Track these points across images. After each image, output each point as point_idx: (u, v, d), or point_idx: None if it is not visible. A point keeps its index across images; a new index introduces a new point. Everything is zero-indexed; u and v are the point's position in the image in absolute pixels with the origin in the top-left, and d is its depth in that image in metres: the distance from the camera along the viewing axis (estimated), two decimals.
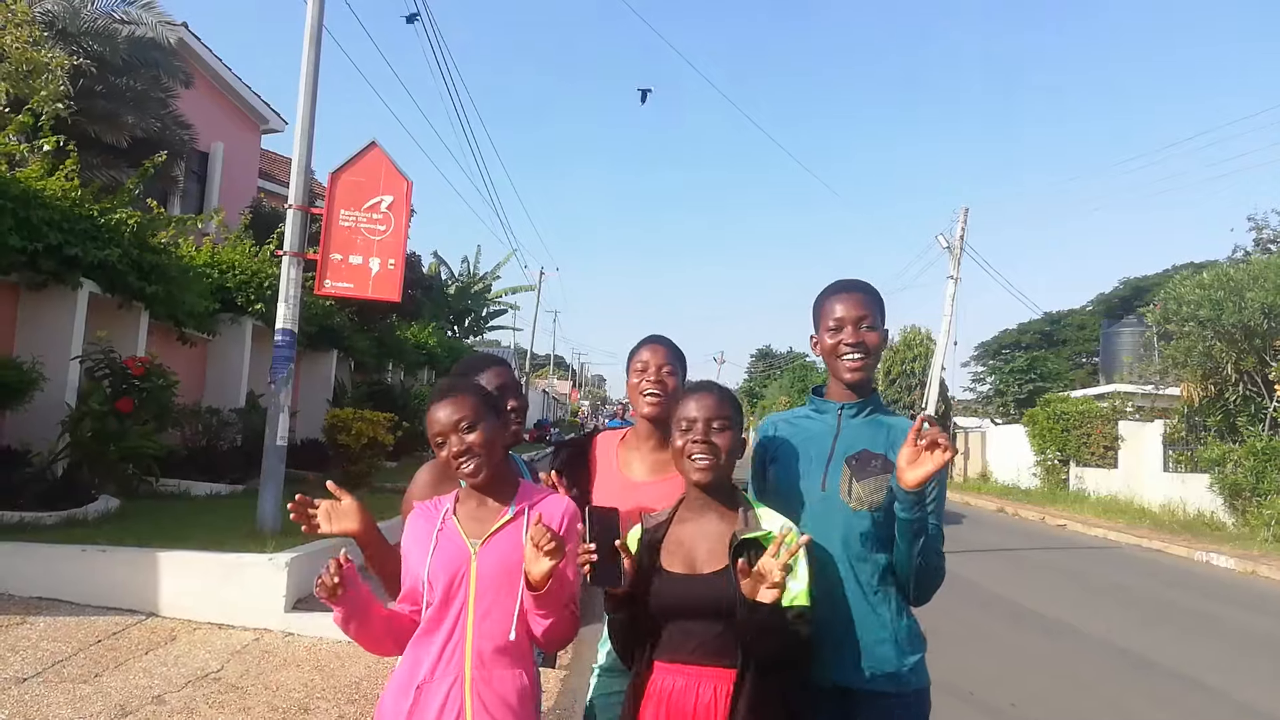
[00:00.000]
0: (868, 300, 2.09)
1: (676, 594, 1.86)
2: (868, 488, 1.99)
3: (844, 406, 2.09)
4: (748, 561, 1.74)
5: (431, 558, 1.95)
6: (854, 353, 2.05)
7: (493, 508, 2.02)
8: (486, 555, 1.96)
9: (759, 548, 1.78)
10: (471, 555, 1.96)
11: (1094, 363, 31.01)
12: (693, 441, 1.89)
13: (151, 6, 11.95)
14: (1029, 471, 21.36)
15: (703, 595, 1.84)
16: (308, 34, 7.55)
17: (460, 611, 1.94)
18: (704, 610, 1.84)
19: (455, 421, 1.97)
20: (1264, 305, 13.85)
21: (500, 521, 1.99)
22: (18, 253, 7.15)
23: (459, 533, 1.99)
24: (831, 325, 2.08)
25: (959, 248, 25.58)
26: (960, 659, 5.91)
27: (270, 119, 18.00)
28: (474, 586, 1.94)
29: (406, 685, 1.91)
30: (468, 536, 1.98)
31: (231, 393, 11.36)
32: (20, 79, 8.54)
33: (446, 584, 1.92)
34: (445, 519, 2.02)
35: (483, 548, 1.97)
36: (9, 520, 6.29)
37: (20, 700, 3.95)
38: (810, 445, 2.09)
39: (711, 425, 1.90)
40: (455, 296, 27.39)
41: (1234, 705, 5.26)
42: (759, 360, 71.96)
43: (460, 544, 1.97)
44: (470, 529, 1.99)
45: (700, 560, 1.88)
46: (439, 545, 1.97)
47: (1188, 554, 12.13)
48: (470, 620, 1.93)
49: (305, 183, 7.52)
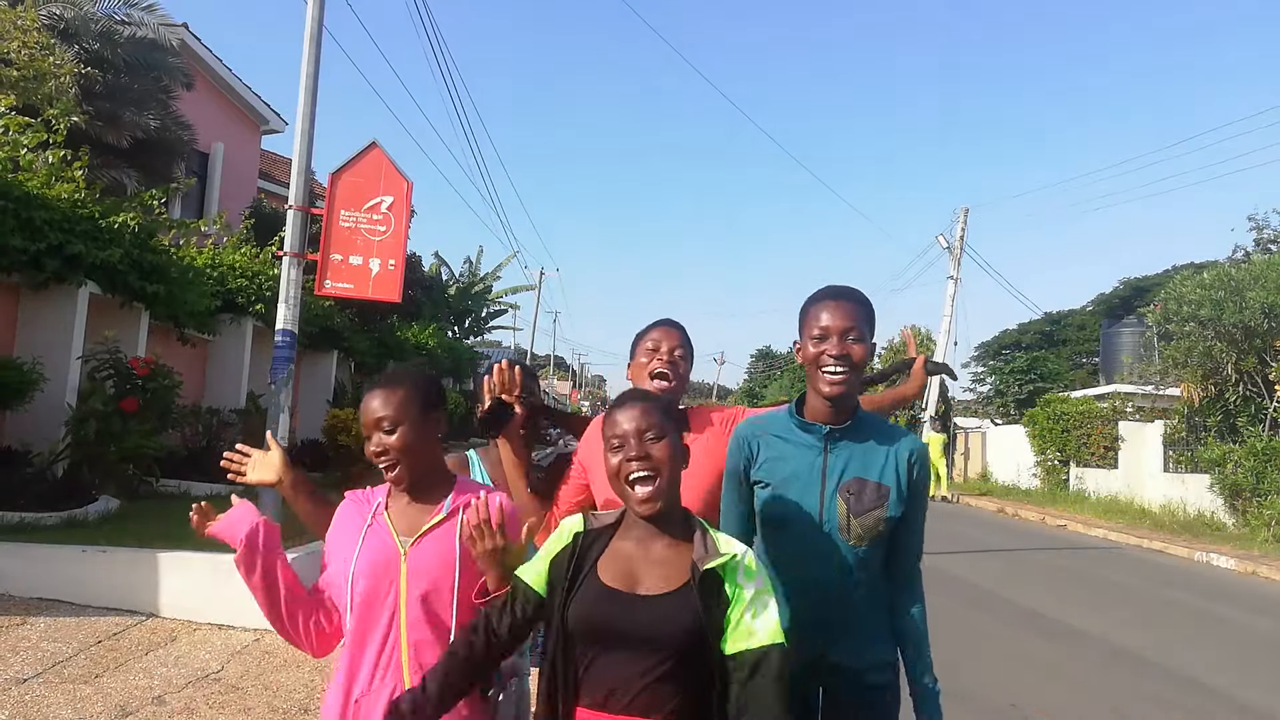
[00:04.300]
0: (856, 311, 1.97)
1: (612, 614, 1.58)
2: (865, 523, 1.93)
3: (830, 430, 1.98)
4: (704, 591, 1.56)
5: (358, 556, 1.83)
6: (837, 365, 1.93)
7: (425, 505, 1.89)
8: (418, 556, 1.82)
9: (717, 579, 1.59)
10: (401, 555, 1.83)
11: (1094, 363, 30.98)
12: (627, 459, 1.64)
13: (152, 8, 11.96)
14: (1029, 472, 21.34)
15: (645, 619, 1.56)
16: (308, 34, 7.55)
17: (392, 616, 1.81)
18: (644, 638, 1.56)
19: (378, 419, 1.84)
20: (1264, 305, 13.84)
21: (433, 520, 1.86)
22: (19, 253, 7.15)
23: (389, 530, 1.85)
24: (816, 334, 1.97)
25: (959, 248, 25.58)
26: (960, 659, 5.91)
27: (270, 119, 18.02)
28: (405, 589, 1.81)
29: (344, 699, 1.80)
30: (398, 534, 1.84)
31: (231, 393, 11.36)
32: (28, 85, 8.56)
33: (373, 585, 1.80)
34: (376, 514, 1.89)
35: (413, 547, 1.83)
36: (9, 520, 6.29)
37: (20, 701, 3.95)
38: (797, 473, 1.99)
39: (645, 436, 1.66)
40: (456, 297, 27.37)
41: (1234, 705, 5.26)
42: (759, 360, 71.93)
43: (390, 543, 1.83)
44: (401, 526, 1.86)
45: (645, 584, 1.62)
46: (366, 543, 1.84)
47: (1188, 554, 12.13)
48: (403, 625, 1.80)
49: (305, 183, 7.52)
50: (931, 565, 8.71)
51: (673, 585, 1.59)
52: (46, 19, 9.90)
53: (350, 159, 7.44)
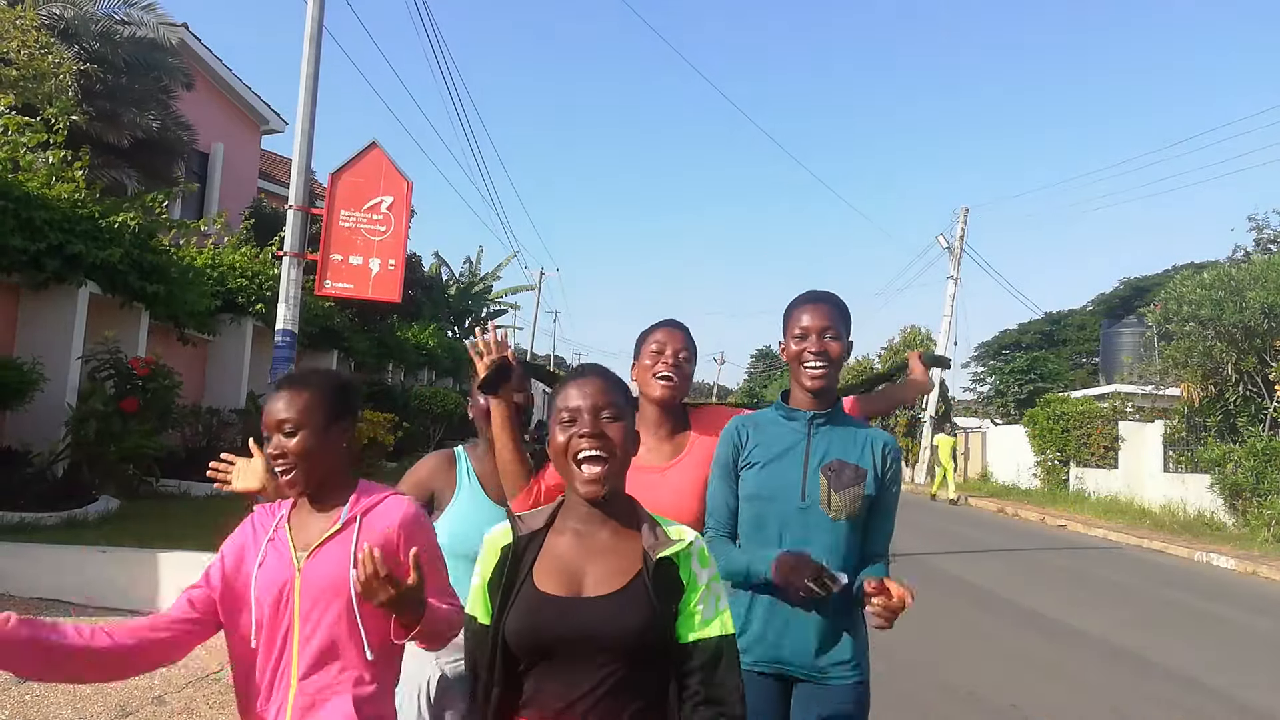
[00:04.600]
0: (832, 312, 2.18)
1: (553, 623, 1.43)
2: (845, 498, 2.07)
3: (814, 415, 2.15)
4: (657, 582, 1.45)
5: (259, 571, 1.71)
6: (817, 361, 2.14)
7: (325, 515, 1.77)
8: (313, 570, 1.70)
9: (673, 566, 1.49)
10: (296, 570, 1.70)
11: (1094, 363, 30.98)
12: (579, 435, 1.51)
13: (152, 8, 11.97)
14: (1029, 472, 21.35)
15: (593, 624, 1.42)
16: (308, 34, 7.56)
17: (285, 638, 1.69)
18: (593, 644, 1.43)
19: (279, 421, 1.72)
20: (1264, 305, 13.84)
21: (329, 531, 1.73)
22: (19, 253, 7.16)
23: (288, 543, 1.74)
24: (797, 334, 2.17)
25: (959, 248, 25.60)
26: (960, 659, 5.92)
27: (270, 119, 18.03)
28: (299, 608, 1.68)
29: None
30: (295, 548, 1.73)
31: (231, 393, 11.37)
32: (27, 85, 8.56)
33: (273, 603, 1.68)
34: (279, 527, 1.77)
35: (309, 561, 1.71)
36: (9, 520, 6.29)
37: (20, 701, 3.95)
38: (783, 452, 2.15)
39: (601, 415, 1.52)
40: (456, 297, 27.38)
41: (1234, 705, 5.26)
42: (759, 360, 71.93)
43: (286, 557, 1.72)
44: (299, 539, 1.74)
45: (589, 582, 1.48)
46: (267, 558, 1.72)
47: (1188, 554, 12.13)
48: (295, 648, 1.67)
49: (305, 183, 7.53)
50: (932, 565, 8.73)
51: (622, 581, 1.47)
52: (46, 19, 9.90)
53: (350, 159, 7.45)
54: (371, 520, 1.74)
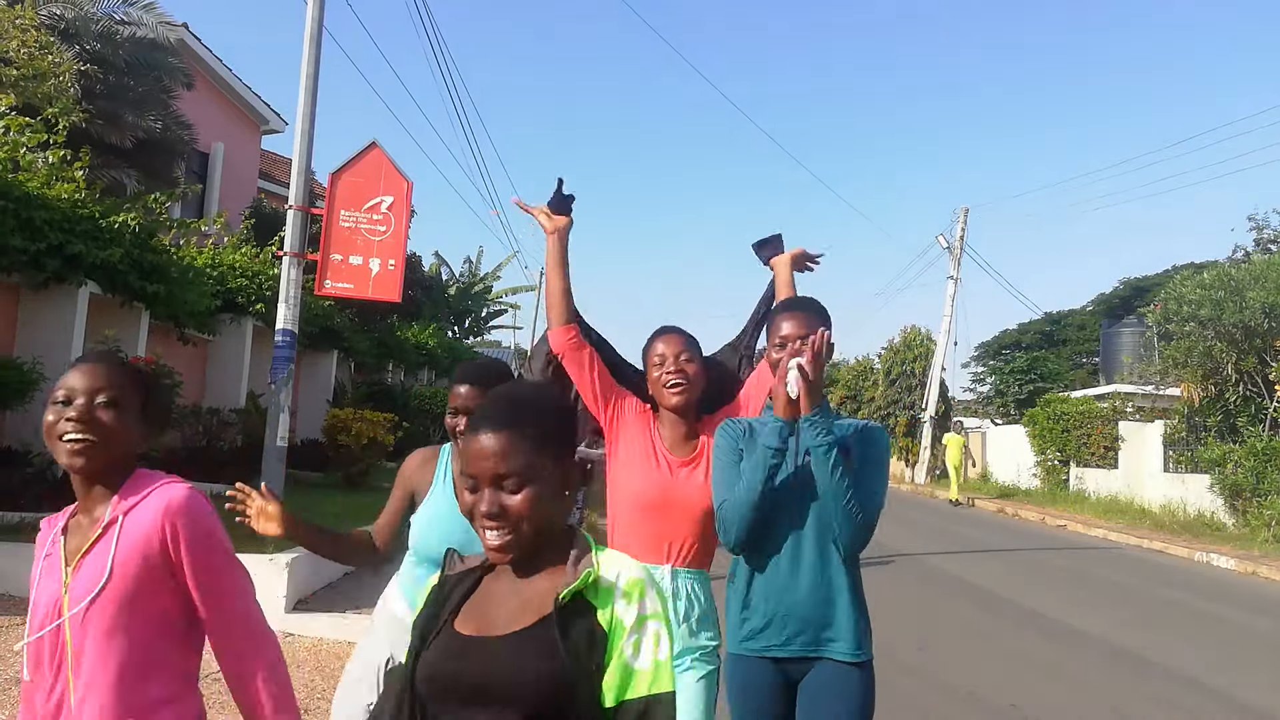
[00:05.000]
0: (811, 320, 2.27)
1: (460, 666, 1.22)
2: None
3: (805, 418, 2.19)
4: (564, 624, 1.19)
5: (34, 592, 1.48)
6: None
7: (89, 518, 1.52)
8: (77, 583, 1.44)
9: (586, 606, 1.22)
10: (64, 587, 1.45)
11: (1094, 363, 30.96)
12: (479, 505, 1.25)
13: (152, 7, 11.96)
14: (1029, 472, 21.34)
15: (498, 669, 1.19)
16: (308, 34, 7.56)
17: (58, 671, 1.43)
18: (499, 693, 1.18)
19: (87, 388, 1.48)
20: (1265, 305, 13.84)
21: (93, 536, 1.48)
22: (19, 253, 7.16)
23: (60, 555, 1.49)
24: (778, 342, 2.27)
25: (959, 248, 25.60)
26: (960, 659, 5.92)
27: (270, 119, 18.02)
28: (69, 634, 1.42)
29: None
30: (65, 560, 1.48)
31: (231, 393, 11.36)
32: (27, 84, 8.56)
33: (42, 624, 1.45)
34: (55, 540, 1.52)
35: (74, 575, 1.45)
36: (9, 520, 6.29)
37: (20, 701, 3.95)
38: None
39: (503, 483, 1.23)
40: (456, 297, 27.38)
41: (1234, 705, 5.26)
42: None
43: (56, 572, 1.48)
44: (70, 547, 1.50)
45: (500, 622, 1.25)
46: (41, 578, 1.50)
47: (1188, 554, 12.13)
48: (70, 683, 1.42)
49: (305, 183, 7.53)
50: (932, 565, 8.74)
51: (529, 619, 1.22)
52: (46, 19, 9.90)
53: (350, 159, 7.45)
54: (136, 517, 1.49)
